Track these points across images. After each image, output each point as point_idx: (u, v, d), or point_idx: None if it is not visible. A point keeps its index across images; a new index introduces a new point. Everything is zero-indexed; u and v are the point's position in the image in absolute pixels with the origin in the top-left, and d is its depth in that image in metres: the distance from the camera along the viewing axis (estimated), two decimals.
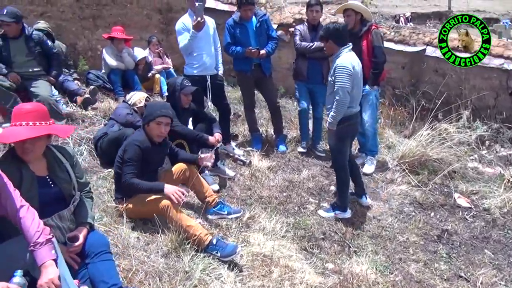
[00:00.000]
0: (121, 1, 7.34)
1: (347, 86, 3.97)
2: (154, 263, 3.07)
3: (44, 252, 2.21)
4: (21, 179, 2.49)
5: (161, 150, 3.72)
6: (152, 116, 3.51)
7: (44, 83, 5.00)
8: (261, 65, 5.19)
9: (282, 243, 3.76)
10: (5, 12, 4.70)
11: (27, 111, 2.52)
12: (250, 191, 4.56)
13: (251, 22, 5.07)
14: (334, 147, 4.34)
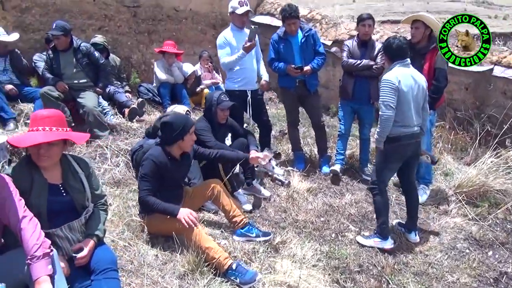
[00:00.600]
0: (176, 16, 7.48)
1: (389, 100, 3.67)
2: (168, 285, 2.91)
3: (40, 267, 2.12)
4: (31, 184, 2.45)
5: (182, 164, 3.58)
6: (188, 128, 3.41)
7: (91, 94, 5.11)
8: (305, 82, 4.96)
9: (311, 273, 3.45)
10: (54, 26, 4.87)
11: (43, 116, 2.49)
12: (285, 214, 4.31)
13: (296, 37, 4.87)
14: (377, 167, 4.01)
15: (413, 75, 3.84)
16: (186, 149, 3.50)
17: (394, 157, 3.92)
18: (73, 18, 6.37)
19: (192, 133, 3.46)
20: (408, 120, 3.81)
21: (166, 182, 3.37)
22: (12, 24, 5.90)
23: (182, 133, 3.38)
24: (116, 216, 3.61)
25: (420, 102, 3.90)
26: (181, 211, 3.19)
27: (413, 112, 3.84)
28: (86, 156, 4.55)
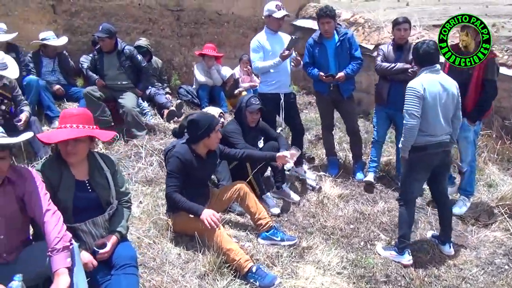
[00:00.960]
0: (218, 20, 7.59)
1: (413, 109, 3.55)
2: (187, 284, 2.95)
3: (59, 259, 2.21)
4: (60, 180, 2.57)
5: (207, 163, 3.64)
6: (213, 126, 3.50)
7: (131, 96, 5.28)
8: (339, 87, 4.87)
9: (335, 280, 3.38)
10: (101, 29, 5.09)
11: (71, 114, 2.62)
12: (313, 219, 4.25)
13: (332, 41, 4.81)
14: (403, 178, 3.88)
15: (442, 82, 3.66)
16: (212, 147, 3.56)
17: (420, 166, 3.76)
18: (119, 21, 6.62)
19: (218, 132, 3.52)
20: (434, 129, 3.64)
21: (191, 180, 3.43)
22: (62, 27, 6.22)
23: (207, 131, 3.46)
24: (145, 214, 3.71)
25: (450, 109, 3.72)
26: (205, 211, 3.23)
27: (441, 120, 3.66)
28: (122, 154, 4.73)
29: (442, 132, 3.68)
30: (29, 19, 5.97)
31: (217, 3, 7.52)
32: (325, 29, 4.72)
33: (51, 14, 6.13)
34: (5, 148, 2.21)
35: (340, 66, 4.80)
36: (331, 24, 4.73)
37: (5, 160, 2.21)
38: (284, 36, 4.83)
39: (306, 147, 5.94)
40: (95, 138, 2.73)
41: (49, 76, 5.73)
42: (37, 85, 5.16)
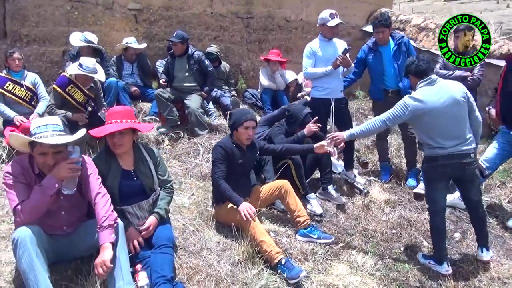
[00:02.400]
0: (287, 26, 7.87)
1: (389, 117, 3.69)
2: (221, 269, 3.24)
3: (105, 235, 2.62)
4: (109, 170, 3.02)
5: (248, 154, 3.93)
6: (240, 121, 3.78)
7: (196, 97, 5.74)
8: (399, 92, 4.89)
9: (366, 281, 3.47)
10: (175, 35, 5.63)
11: (116, 111, 3.07)
12: (355, 222, 4.34)
13: (388, 47, 4.87)
14: (426, 189, 3.88)
15: (442, 91, 3.59)
16: (241, 140, 3.83)
17: (435, 177, 3.72)
18: (192, 29, 7.16)
19: (248, 128, 3.77)
20: (442, 140, 3.58)
21: (233, 169, 3.73)
22: (142, 34, 6.88)
23: (236, 124, 3.80)
24: (194, 204, 4.08)
25: (461, 116, 3.62)
26: (243, 203, 3.51)
27: (452, 130, 3.58)
28: (182, 150, 5.18)
29: (455, 143, 3.58)
30: (114, 27, 6.69)
31: (286, 10, 7.81)
32: (380, 37, 4.84)
33: (133, 22, 6.82)
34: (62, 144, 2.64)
35: (399, 70, 4.84)
36: (386, 33, 4.84)
37: (61, 153, 2.65)
38: (339, 42, 4.95)
39: (362, 152, 5.99)
40: (138, 131, 3.15)
41: (128, 78, 6.39)
42: (116, 86, 5.81)
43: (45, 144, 2.58)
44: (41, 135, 2.60)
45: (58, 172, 2.53)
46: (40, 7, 6.26)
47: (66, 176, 2.54)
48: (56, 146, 2.60)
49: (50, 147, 2.59)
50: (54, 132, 2.62)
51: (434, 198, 3.76)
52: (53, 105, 4.81)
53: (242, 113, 3.90)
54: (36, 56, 6.30)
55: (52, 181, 2.53)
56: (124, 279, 2.59)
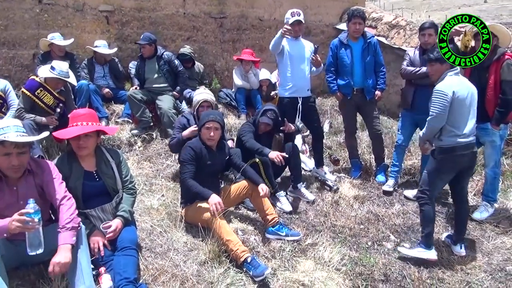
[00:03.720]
0: (260, 25, 7.91)
1: (439, 111, 3.68)
2: (187, 269, 3.28)
3: (66, 236, 2.63)
4: (70, 171, 3.03)
5: (217, 155, 3.99)
6: (202, 121, 3.87)
7: (167, 98, 5.75)
8: (363, 90, 4.99)
9: (331, 276, 3.54)
10: (142, 37, 5.63)
11: (80, 114, 3.09)
12: (324, 218, 4.42)
13: (358, 43, 4.96)
14: (428, 176, 3.89)
15: (466, 83, 3.77)
16: (204, 141, 3.90)
17: (447, 167, 3.82)
18: (165, 29, 7.16)
19: (210, 129, 3.85)
20: (464, 129, 3.71)
21: (202, 170, 3.79)
22: (114, 36, 6.86)
23: (199, 124, 3.94)
24: (163, 206, 4.10)
25: (475, 109, 3.79)
26: (213, 196, 3.57)
27: (470, 121, 3.74)
28: (154, 152, 5.19)
29: (471, 132, 3.76)
30: (85, 29, 6.65)
31: (259, 10, 7.85)
32: (356, 28, 4.90)
33: (104, 24, 6.78)
34: (26, 145, 2.65)
35: (366, 70, 4.95)
36: (362, 26, 4.93)
37: (25, 155, 2.66)
38: (306, 43, 5.04)
39: (334, 149, 6.08)
40: (101, 133, 3.18)
41: (101, 80, 6.36)
42: (87, 89, 5.77)
43: (8, 144, 2.58)
44: (4, 136, 2.60)
45: (10, 225, 2.40)
46: (8, 10, 6.20)
47: (15, 230, 2.41)
48: (20, 146, 2.60)
49: (14, 147, 2.59)
50: (17, 132, 2.63)
51: (436, 186, 3.90)
52: (22, 109, 4.76)
53: (207, 114, 3.96)
54: (6, 60, 6.23)
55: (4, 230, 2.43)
56: (85, 282, 2.60)
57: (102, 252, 2.94)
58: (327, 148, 5.92)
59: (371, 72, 4.97)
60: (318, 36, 8.25)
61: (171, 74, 5.86)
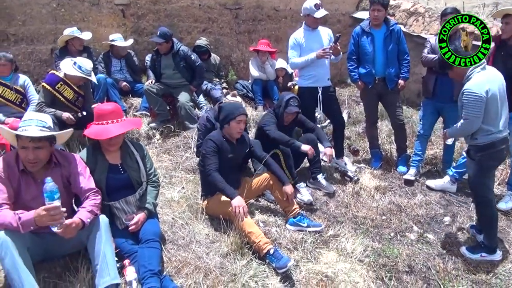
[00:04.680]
0: (276, 16, 7.82)
1: (474, 114, 3.46)
2: (210, 261, 3.27)
3: (83, 213, 2.66)
4: (95, 165, 3.05)
5: (238, 148, 3.96)
6: (233, 115, 3.81)
7: (185, 92, 5.74)
8: (385, 79, 4.90)
9: (355, 267, 3.51)
10: (158, 34, 5.58)
11: (107, 112, 3.06)
12: (345, 209, 4.37)
13: (380, 31, 4.84)
14: (474, 179, 3.74)
15: (493, 75, 3.57)
16: (231, 134, 3.87)
17: (489, 164, 3.67)
18: (181, 21, 7.14)
19: (240, 122, 3.82)
20: (499, 125, 3.55)
21: (223, 163, 3.75)
22: (130, 29, 6.86)
23: (227, 118, 3.83)
24: (183, 198, 4.10)
25: (505, 101, 3.63)
26: (237, 199, 3.51)
27: (503, 115, 3.59)
28: (173, 144, 5.20)
29: (505, 126, 3.61)
30: (102, 23, 6.67)
31: (274, 0, 7.76)
32: (375, 15, 4.76)
33: (120, 17, 6.79)
34: (42, 139, 2.66)
35: (388, 58, 4.84)
36: (382, 13, 4.78)
37: (42, 149, 2.67)
38: (323, 30, 4.94)
39: (353, 139, 6.01)
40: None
41: (118, 74, 6.38)
42: (105, 83, 5.79)
43: (24, 138, 2.60)
44: (24, 128, 2.62)
45: (40, 220, 2.45)
46: (26, 6, 6.24)
47: (48, 224, 2.49)
48: (36, 140, 2.61)
49: (30, 141, 2.61)
50: (37, 127, 2.64)
51: (489, 186, 3.72)
52: (42, 103, 4.80)
53: (235, 107, 3.93)
54: (24, 55, 6.29)
55: (30, 223, 2.48)
56: (110, 274, 2.62)
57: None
58: (346, 138, 5.84)
59: (393, 60, 4.85)
60: (334, 25, 8.11)
61: (188, 69, 5.83)
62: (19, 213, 2.49)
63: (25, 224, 2.45)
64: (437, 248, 3.91)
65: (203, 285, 3.01)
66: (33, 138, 2.61)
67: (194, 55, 5.92)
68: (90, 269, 2.76)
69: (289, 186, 3.88)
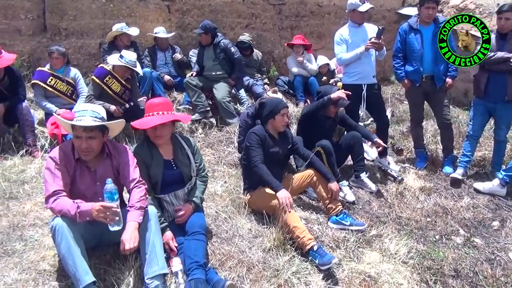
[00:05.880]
0: (319, 12, 7.75)
1: None
2: (253, 255, 3.29)
3: (133, 214, 2.72)
4: (151, 160, 3.12)
5: (280, 143, 3.97)
6: (278, 109, 3.85)
7: (222, 86, 5.81)
8: (432, 77, 4.77)
9: (399, 269, 3.44)
10: (200, 26, 5.68)
11: (156, 104, 3.13)
12: (389, 209, 4.29)
13: (429, 28, 4.71)
14: None
15: None
16: (278, 128, 3.91)
17: None
18: (224, 17, 7.20)
19: (284, 115, 3.84)
20: None
21: (266, 158, 3.75)
22: (175, 24, 6.97)
23: (272, 113, 3.85)
24: (226, 192, 4.14)
25: None
26: (283, 191, 3.52)
27: None
28: (216, 139, 5.26)
29: None
30: (148, 18, 6.81)
31: None
32: (428, 13, 4.64)
33: (166, 13, 6.91)
34: (95, 129, 2.74)
35: (437, 56, 4.67)
36: (435, 11, 4.67)
37: (95, 139, 2.75)
38: (369, 26, 4.86)
39: (397, 138, 5.89)
40: (176, 122, 3.21)
41: (162, 68, 6.51)
42: (150, 76, 5.93)
43: (78, 127, 2.70)
44: (78, 118, 2.72)
45: (95, 215, 2.54)
46: (77, 1, 6.45)
47: (100, 220, 2.57)
48: (88, 130, 2.71)
49: (83, 130, 2.70)
50: (91, 117, 2.73)
51: None
52: (91, 95, 4.98)
53: (277, 101, 3.96)
54: (75, 49, 6.50)
55: (87, 214, 2.56)
56: (159, 264, 2.68)
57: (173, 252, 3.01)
58: (390, 137, 5.73)
59: (442, 58, 4.68)
60: (379, 22, 7.93)
61: (227, 62, 5.87)
62: (78, 202, 2.59)
63: (82, 214, 2.55)
64: (484, 253, 3.79)
65: (246, 279, 3.03)
66: (86, 128, 2.71)
67: (234, 47, 5.96)
68: (138, 258, 2.83)
69: (334, 183, 3.85)
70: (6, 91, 4.76)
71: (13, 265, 2.83)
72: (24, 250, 3.01)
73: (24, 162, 4.46)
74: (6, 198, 3.75)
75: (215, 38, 5.78)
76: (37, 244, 3.08)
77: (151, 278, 2.64)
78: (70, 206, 2.56)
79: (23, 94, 4.90)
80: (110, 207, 2.56)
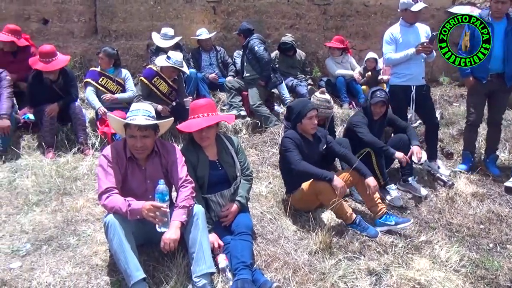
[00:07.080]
0: (365, 11, 7.60)
1: None
2: (298, 257, 3.26)
3: (178, 213, 2.76)
4: (198, 161, 3.16)
5: (315, 145, 3.90)
6: (303, 112, 3.76)
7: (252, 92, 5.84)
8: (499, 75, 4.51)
9: (450, 277, 3.30)
10: None
11: (200, 106, 3.18)
12: (438, 215, 4.14)
13: (501, 23, 4.45)
14: None
15: None
16: (306, 131, 3.83)
17: None
18: (269, 18, 7.21)
19: (312, 118, 3.76)
20: None
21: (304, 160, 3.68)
22: (220, 25, 7.05)
23: (299, 116, 3.78)
24: (271, 193, 4.14)
25: None
26: (337, 179, 3.53)
27: None
28: (260, 140, 5.27)
29: None
30: (194, 20, 6.92)
31: None
32: (498, 8, 4.40)
33: (211, 14, 7.00)
34: (148, 128, 2.80)
35: (509, 53, 4.44)
36: (507, 5, 4.41)
37: (149, 138, 2.82)
38: (421, 27, 4.71)
39: (446, 142, 5.69)
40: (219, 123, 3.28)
41: (207, 69, 6.60)
42: (195, 77, 6.02)
43: (133, 126, 2.76)
44: (132, 118, 2.78)
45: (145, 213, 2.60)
46: (127, 4, 6.64)
47: (149, 219, 2.62)
48: (143, 129, 2.76)
49: (138, 129, 2.76)
50: (144, 116, 2.79)
51: None
52: (140, 96, 5.12)
53: (303, 104, 3.87)
54: (124, 50, 6.70)
55: (137, 213, 2.63)
56: (206, 263, 2.70)
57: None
58: (439, 140, 5.53)
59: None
60: (428, 21, 7.69)
61: (256, 61, 5.81)
62: (129, 200, 2.66)
63: (133, 212, 2.61)
64: None
65: (292, 281, 3.00)
66: (140, 127, 2.77)
67: (258, 46, 5.76)
68: (186, 256, 2.87)
69: (371, 178, 3.70)
70: (61, 91, 4.96)
71: (67, 259, 2.93)
72: (77, 244, 3.12)
73: (76, 160, 4.63)
74: (61, 194, 3.90)
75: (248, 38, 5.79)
76: (89, 239, 3.19)
77: (198, 276, 2.66)
78: (122, 203, 2.63)
79: (75, 94, 5.10)
80: (160, 207, 2.62)
